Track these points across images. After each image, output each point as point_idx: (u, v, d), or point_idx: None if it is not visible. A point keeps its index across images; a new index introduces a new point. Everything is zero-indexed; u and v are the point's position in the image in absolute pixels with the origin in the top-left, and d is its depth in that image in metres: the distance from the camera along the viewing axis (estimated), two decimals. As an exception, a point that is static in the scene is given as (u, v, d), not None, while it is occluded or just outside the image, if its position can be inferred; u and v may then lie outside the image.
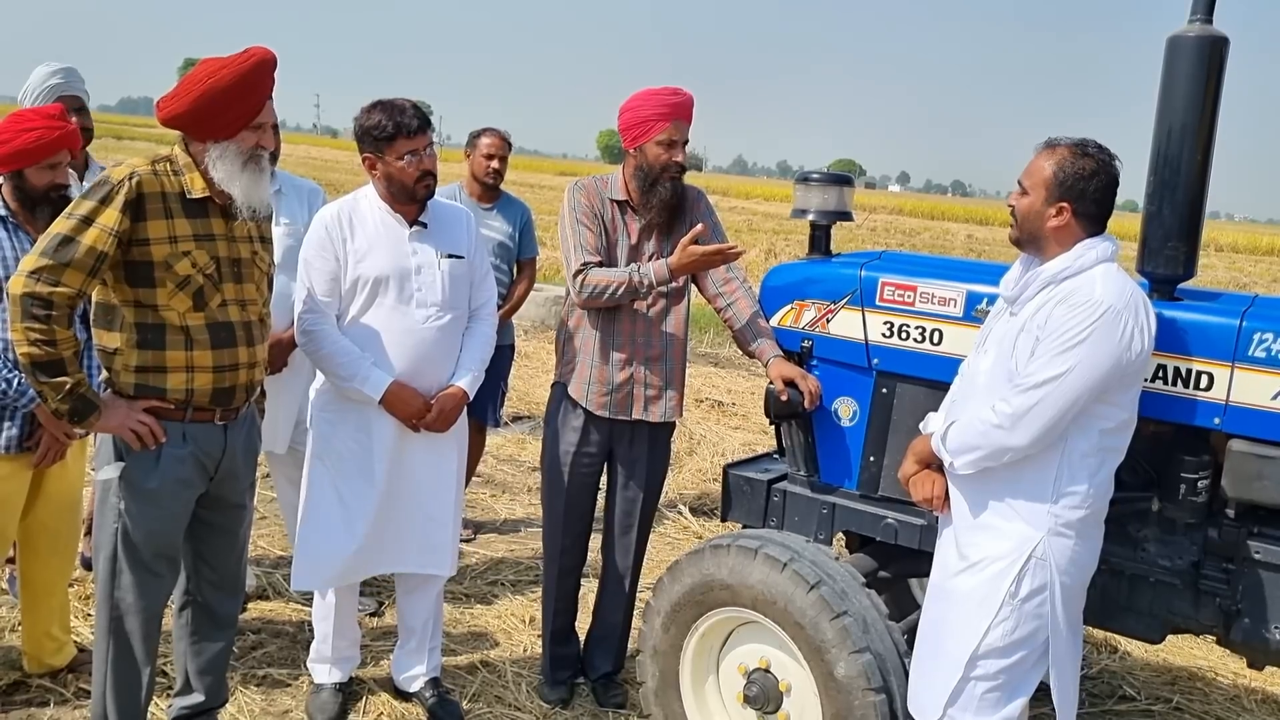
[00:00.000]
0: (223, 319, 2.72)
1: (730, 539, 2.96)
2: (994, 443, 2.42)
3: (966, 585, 2.50)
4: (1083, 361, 2.32)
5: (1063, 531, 2.43)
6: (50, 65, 3.92)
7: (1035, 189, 2.49)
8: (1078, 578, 2.49)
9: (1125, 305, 2.34)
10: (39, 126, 3.10)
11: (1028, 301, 2.48)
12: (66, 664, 3.52)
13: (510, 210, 5.00)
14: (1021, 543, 2.44)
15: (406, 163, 3.16)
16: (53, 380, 2.52)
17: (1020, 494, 2.46)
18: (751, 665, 3.01)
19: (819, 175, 3.33)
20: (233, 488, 2.93)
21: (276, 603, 4.24)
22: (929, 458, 2.65)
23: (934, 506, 2.66)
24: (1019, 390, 2.38)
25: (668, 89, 3.35)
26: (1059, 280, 2.43)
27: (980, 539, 2.51)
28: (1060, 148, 2.49)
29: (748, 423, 7.91)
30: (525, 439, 6.97)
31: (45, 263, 2.48)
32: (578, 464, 3.53)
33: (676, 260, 3.24)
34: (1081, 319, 2.33)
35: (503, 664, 3.89)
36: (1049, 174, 2.46)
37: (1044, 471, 2.43)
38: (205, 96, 2.61)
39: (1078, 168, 2.44)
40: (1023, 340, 2.44)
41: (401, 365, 3.23)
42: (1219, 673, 4.26)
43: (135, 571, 2.75)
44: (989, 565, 2.47)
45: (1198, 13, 2.64)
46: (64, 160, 3.16)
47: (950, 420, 2.57)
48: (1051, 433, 2.38)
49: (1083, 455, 2.42)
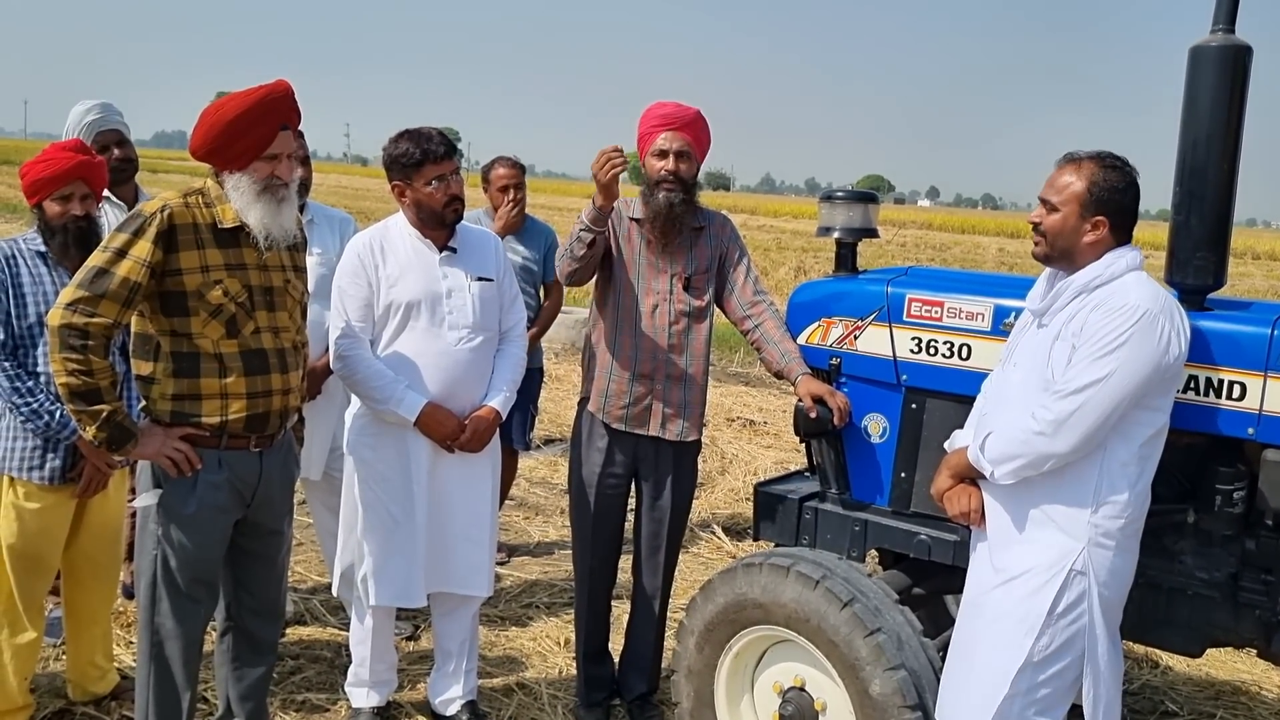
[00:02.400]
0: (256, 346, 2.77)
1: (762, 557, 2.96)
2: (1036, 450, 2.40)
3: (1006, 600, 2.47)
4: (1123, 365, 2.31)
5: (1102, 542, 2.41)
6: (85, 103, 4.01)
7: (1066, 204, 2.47)
8: (1117, 590, 2.46)
9: (1161, 309, 2.34)
10: (50, 158, 3.18)
11: (1058, 312, 2.48)
12: (110, 691, 3.57)
13: (536, 235, 4.98)
14: (1061, 555, 2.41)
15: (434, 188, 3.22)
16: (90, 408, 2.58)
17: (1059, 504, 2.44)
18: (786, 684, 3.00)
19: (843, 193, 3.34)
20: (270, 514, 2.96)
21: (314, 628, 4.27)
22: (963, 472, 2.63)
23: (971, 521, 2.63)
24: (1060, 396, 2.36)
25: (660, 103, 3.44)
26: (1091, 288, 2.43)
27: (1018, 552, 2.48)
28: (1086, 162, 2.48)
29: (780, 441, 7.89)
30: (557, 461, 6.99)
31: (81, 294, 2.55)
32: (603, 484, 3.55)
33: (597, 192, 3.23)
34: (1120, 323, 2.33)
35: (538, 686, 3.90)
36: (1080, 189, 2.45)
37: (1083, 481, 2.41)
38: (214, 129, 2.69)
39: (1110, 181, 2.44)
40: (1058, 348, 2.42)
41: (435, 387, 3.28)
42: (1263, 686, 4.20)
43: (174, 597, 2.79)
44: (1029, 579, 2.44)
45: (1220, 22, 2.63)
46: (78, 192, 3.19)
47: (987, 431, 2.55)
48: (1094, 438, 2.36)
49: (1122, 464, 2.41)
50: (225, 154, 2.72)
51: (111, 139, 3.96)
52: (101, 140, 3.92)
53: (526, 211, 5.00)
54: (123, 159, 3.99)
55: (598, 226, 3.30)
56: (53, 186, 3.16)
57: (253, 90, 2.72)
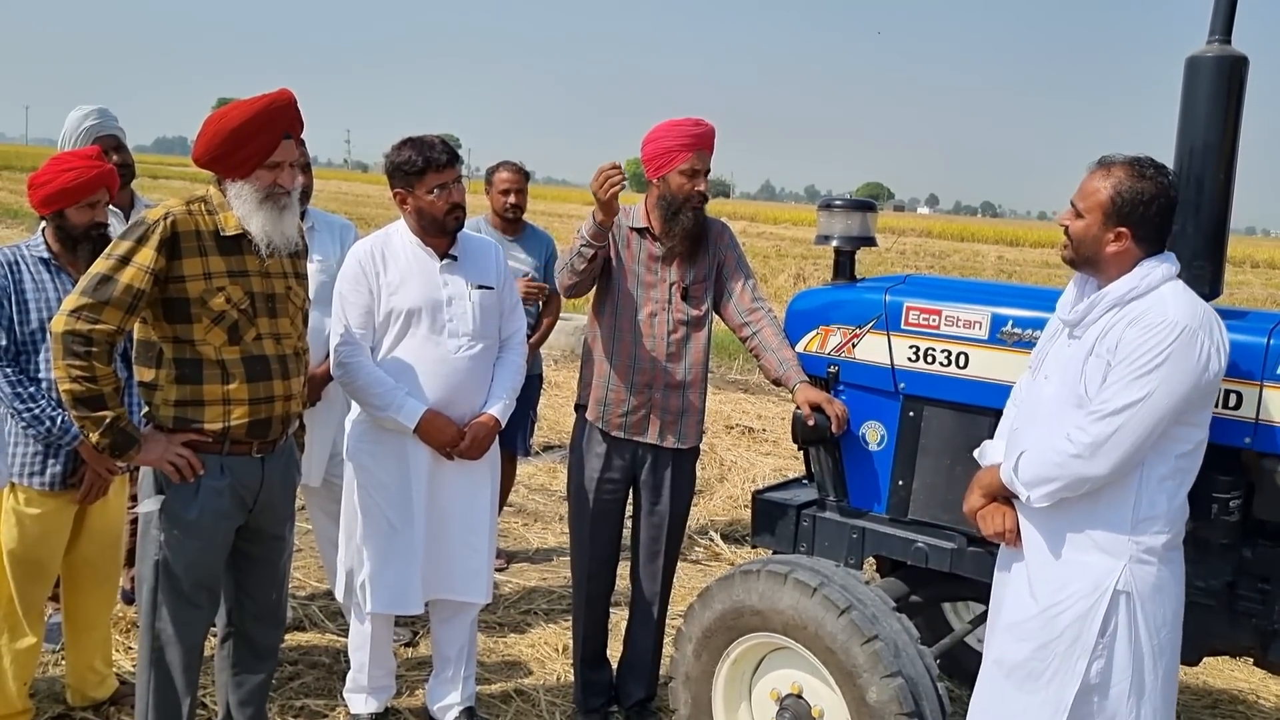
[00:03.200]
0: (258, 353, 2.79)
1: (760, 564, 2.97)
2: (1073, 473, 2.33)
3: (1054, 627, 2.40)
4: (1162, 384, 2.25)
5: (1144, 559, 2.35)
6: (83, 108, 4.03)
7: (1091, 212, 2.40)
8: (1165, 606, 2.39)
9: (1200, 324, 2.27)
10: (77, 167, 3.19)
11: (1091, 325, 2.40)
12: (109, 697, 3.57)
13: (535, 242, 5.00)
14: (1103, 575, 2.35)
15: (436, 196, 3.24)
16: (93, 414, 2.60)
17: (1098, 524, 2.37)
18: (784, 691, 3.01)
19: (842, 201, 3.36)
20: (271, 519, 2.98)
21: (312, 634, 4.28)
22: (996, 490, 2.55)
23: (1007, 541, 2.55)
24: (1096, 417, 2.30)
25: (690, 120, 3.40)
26: (1125, 302, 2.36)
27: (1059, 574, 2.41)
28: (1116, 168, 2.39)
29: (778, 448, 7.90)
30: (556, 468, 7.00)
31: (85, 301, 2.56)
32: (601, 490, 3.56)
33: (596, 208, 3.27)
34: (1158, 340, 2.25)
35: (536, 693, 3.91)
36: (1105, 198, 2.37)
37: (1122, 499, 2.35)
38: (216, 137, 2.71)
39: (1135, 191, 2.35)
40: (1092, 365, 2.36)
41: (435, 395, 3.29)
42: (1260, 695, 4.21)
43: (175, 603, 2.80)
44: (1073, 604, 2.38)
45: (1216, 33, 2.65)
46: (103, 199, 3.25)
47: (1019, 450, 2.48)
48: (1133, 459, 2.30)
49: (1160, 479, 2.35)
50: (228, 162, 2.74)
51: (109, 144, 3.99)
52: (100, 145, 3.94)
53: (526, 219, 5.03)
54: (120, 164, 4.02)
55: (598, 241, 3.32)
56: (80, 195, 3.18)
57: (256, 99, 2.75)
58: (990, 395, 2.90)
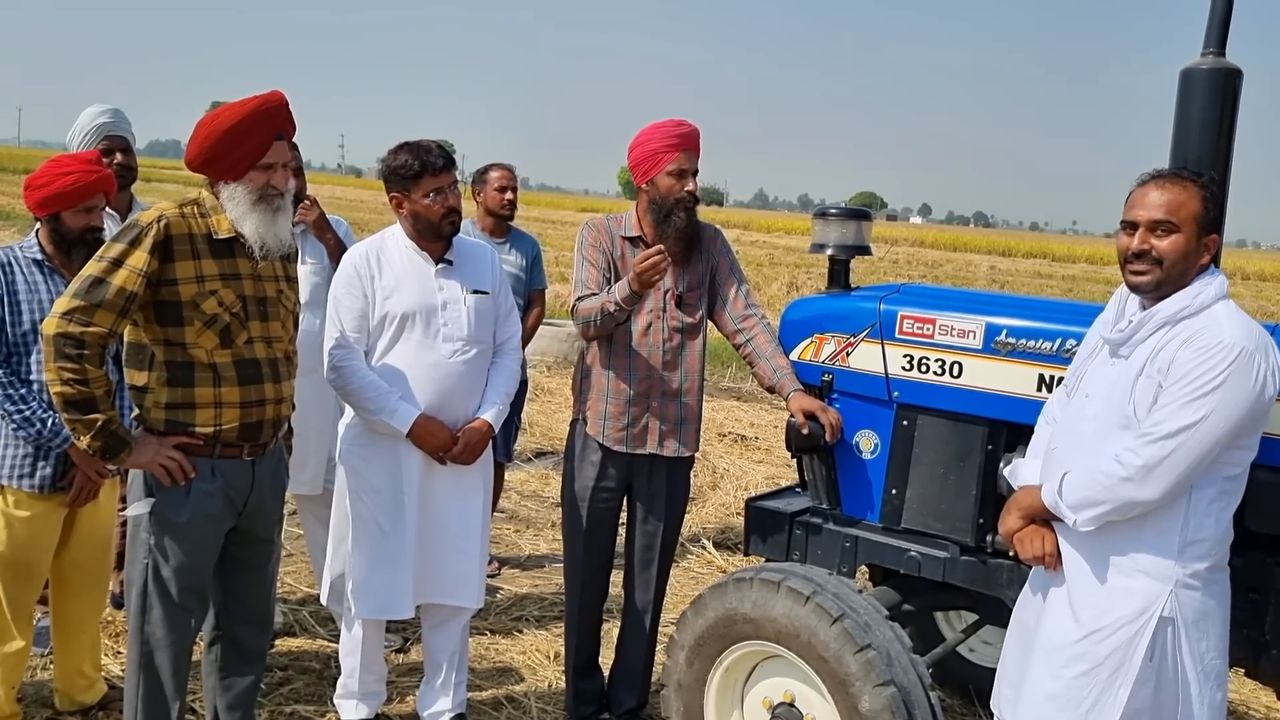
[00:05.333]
0: (249, 356, 2.78)
1: (753, 572, 2.96)
2: (1122, 496, 2.26)
3: (1097, 653, 2.33)
4: (1219, 408, 2.18)
5: (1189, 583, 2.29)
6: (99, 106, 4.05)
7: (1186, 224, 2.29)
8: (1211, 631, 2.32)
9: (1257, 346, 2.21)
10: (76, 170, 3.19)
11: (1140, 344, 2.32)
12: (98, 701, 3.55)
13: (521, 244, 5.07)
14: (1150, 600, 2.29)
15: (432, 200, 3.24)
16: (85, 417, 2.58)
17: (1144, 548, 2.31)
18: (776, 699, 3.01)
19: (836, 210, 3.37)
20: (261, 523, 2.97)
21: (303, 639, 4.26)
22: (1036, 511, 2.47)
23: (1047, 565, 2.47)
24: (1148, 440, 2.23)
25: (672, 121, 3.41)
26: (1176, 320, 2.28)
27: (1103, 599, 2.34)
28: (1185, 179, 2.33)
29: (771, 456, 7.90)
30: (548, 474, 6.99)
31: (77, 304, 2.55)
32: (596, 499, 3.55)
33: (633, 275, 3.23)
34: (1214, 363, 2.19)
35: (527, 699, 3.89)
36: (1198, 207, 2.29)
37: (1170, 523, 2.29)
38: (209, 139, 2.71)
39: (1215, 195, 2.30)
40: (1142, 385, 2.28)
41: (428, 399, 3.28)
42: (1250, 706, 4.21)
43: (165, 606, 2.78)
44: (1118, 629, 2.31)
45: (1210, 45, 2.67)
46: (99, 204, 3.24)
47: (1061, 471, 2.40)
48: (1184, 484, 2.24)
49: (1209, 502, 2.29)
50: (221, 163, 2.74)
51: (119, 144, 4.01)
52: (109, 144, 3.96)
53: (514, 224, 5.07)
54: (125, 166, 4.02)
55: (629, 306, 3.32)
56: (76, 199, 3.17)
57: (247, 101, 2.75)
58: (984, 405, 2.90)
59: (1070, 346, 2.74)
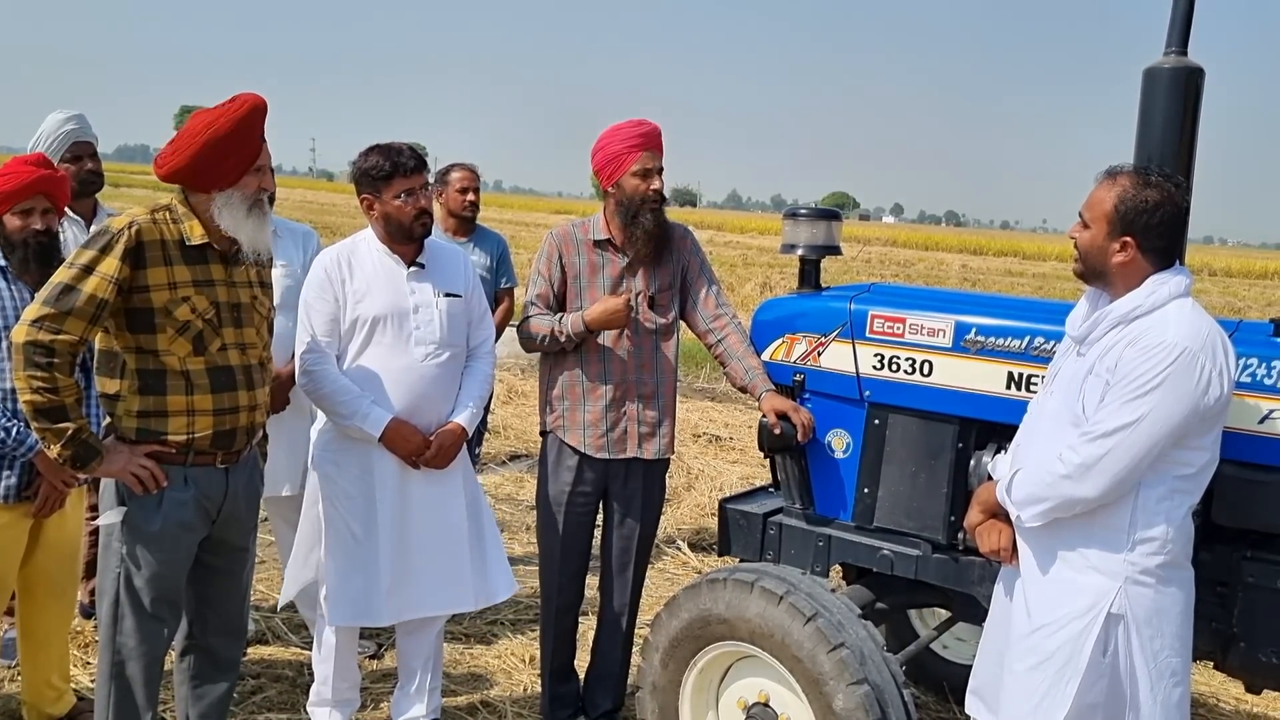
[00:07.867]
0: (223, 363, 2.76)
1: (727, 573, 2.97)
2: (1062, 494, 2.31)
3: (1046, 646, 2.36)
4: (1156, 408, 2.20)
5: (1141, 580, 2.30)
6: (64, 112, 4.01)
7: (1096, 222, 2.37)
8: (1166, 628, 2.33)
9: (1201, 347, 2.22)
10: (10, 172, 3.14)
11: (1095, 342, 2.37)
12: (66, 713, 3.51)
13: (486, 242, 5.03)
14: (1098, 597, 2.31)
15: (403, 202, 3.22)
16: (55, 426, 2.56)
17: (1093, 543, 2.34)
18: (751, 699, 3.01)
19: (807, 210, 3.38)
20: (235, 531, 2.94)
21: (275, 647, 4.23)
22: (994, 507, 2.54)
23: (1003, 558, 2.54)
24: (1088, 439, 2.27)
25: (632, 121, 3.42)
26: (1129, 320, 2.31)
27: (1053, 594, 2.38)
28: (1122, 177, 2.37)
29: (745, 457, 7.91)
30: (523, 477, 6.97)
31: (47, 311, 2.53)
32: (573, 504, 3.55)
33: (592, 314, 3.36)
34: (1154, 363, 2.21)
35: (503, 704, 3.88)
36: (1109, 207, 2.34)
37: (1118, 519, 2.31)
38: (206, 148, 2.66)
39: (1140, 200, 2.31)
40: (1090, 383, 2.32)
41: (401, 403, 3.26)
42: (1220, 699, 4.26)
43: (137, 616, 2.76)
44: (1066, 624, 2.34)
45: (1173, 45, 2.70)
46: (39, 206, 3.16)
47: (1017, 467, 2.45)
48: (1124, 483, 2.27)
49: (1158, 500, 2.30)
50: (216, 171, 2.70)
51: (85, 150, 3.98)
52: (75, 151, 3.93)
53: (480, 221, 5.06)
54: (93, 172, 3.99)
55: (578, 339, 3.41)
56: (13, 200, 3.12)
57: (236, 105, 2.70)
58: (954, 403, 2.92)
59: (1039, 344, 2.76)
